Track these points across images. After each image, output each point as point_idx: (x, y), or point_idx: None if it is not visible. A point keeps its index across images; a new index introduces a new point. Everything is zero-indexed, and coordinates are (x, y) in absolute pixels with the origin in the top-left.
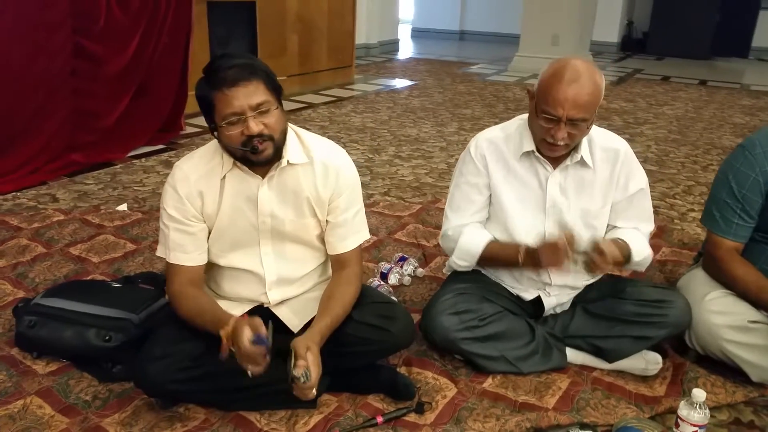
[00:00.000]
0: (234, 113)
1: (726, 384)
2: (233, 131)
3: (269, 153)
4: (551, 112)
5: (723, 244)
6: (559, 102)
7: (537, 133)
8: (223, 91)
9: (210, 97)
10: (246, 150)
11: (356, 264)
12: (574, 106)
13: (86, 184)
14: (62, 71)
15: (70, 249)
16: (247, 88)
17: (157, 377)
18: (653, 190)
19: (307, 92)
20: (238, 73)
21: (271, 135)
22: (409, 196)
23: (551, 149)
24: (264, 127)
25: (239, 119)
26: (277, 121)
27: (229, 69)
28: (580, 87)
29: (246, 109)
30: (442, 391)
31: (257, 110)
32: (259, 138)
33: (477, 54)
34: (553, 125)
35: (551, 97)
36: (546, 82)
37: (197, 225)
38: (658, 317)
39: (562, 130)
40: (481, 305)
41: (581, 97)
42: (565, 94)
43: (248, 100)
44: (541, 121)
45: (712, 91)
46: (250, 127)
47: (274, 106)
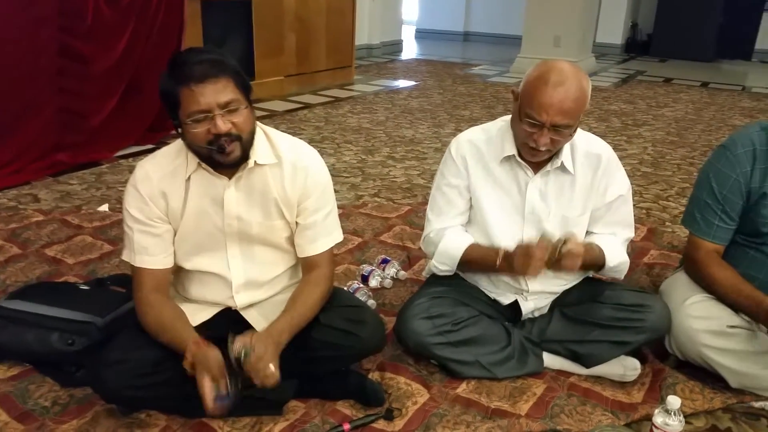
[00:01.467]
0: (201, 110)
1: (704, 390)
2: (199, 129)
3: (236, 155)
4: (535, 117)
5: (703, 245)
6: (543, 107)
7: (519, 136)
8: (191, 87)
9: (175, 93)
10: (212, 149)
11: (326, 266)
12: (559, 112)
13: (70, 184)
14: (48, 70)
15: (46, 250)
16: (215, 85)
17: (114, 383)
18: (647, 192)
19: (306, 92)
20: (206, 69)
21: (239, 135)
22: (399, 198)
23: (533, 154)
24: (232, 126)
25: (206, 117)
26: (246, 121)
27: (198, 64)
28: (565, 92)
29: (214, 106)
30: (414, 396)
31: (225, 108)
32: (226, 137)
33: (480, 55)
34: (536, 130)
35: (536, 101)
36: (531, 85)
37: (162, 226)
38: (635, 322)
39: (545, 136)
40: (456, 309)
41: (566, 103)
42: (550, 99)
43: (216, 97)
44: (524, 125)
45: (714, 93)
46: (217, 126)
47: (243, 105)
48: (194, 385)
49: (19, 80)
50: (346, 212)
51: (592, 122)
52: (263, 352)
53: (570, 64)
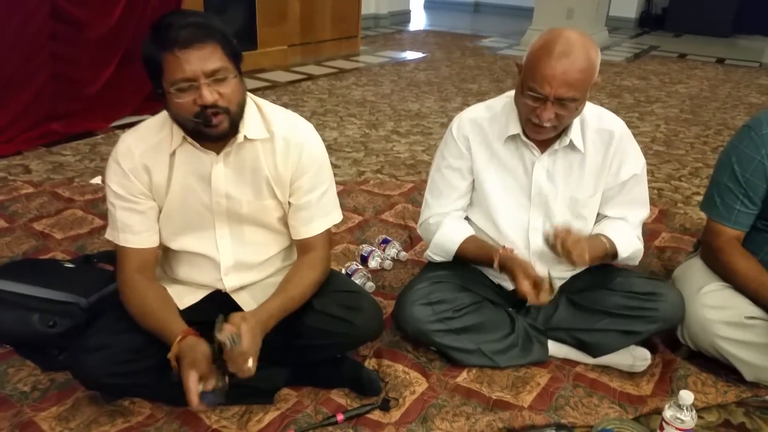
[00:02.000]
0: (185, 79)
1: (717, 383)
2: (184, 99)
3: (224, 127)
4: (537, 89)
5: (723, 232)
6: (546, 79)
7: (522, 112)
8: (174, 52)
9: (158, 59)
10: (198, 121)
11: (322, 249)
12: (563, 84)
13: (63, 155)
14: (40, 34)
15: (34, 224)
16: (201, 51)
17: (94, 370)
18: (659, 171)
19: (309, 63)
20: (192, 33)
21: (226, 107)
22: (403, 174)
23: (537, 131)
24: (219, 97)
25: (191, 86)
26: (235, 92)
27: (182, 28)
28: (570, 63)
29: (200, 74)
30: (412, 385)
31: (212, 77)
32: (213, 109)
33: (490, 27)
34: (540, 104)
35: (538, 72)
36: (534, 55)
37: (146, 203)
38: (647, 311)
39: (548, 110)
40: (458, 295)
41: (571, 74)
42: (553, 71)
43: (203, 64)
44: (526, 99)
45: (730, 69)
46: (203, 96)
47: (232, 73)
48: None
49: (9, 43)
50: (347, 189)
51: (603, 98)
52: (248, 347)
53: (577, 32)
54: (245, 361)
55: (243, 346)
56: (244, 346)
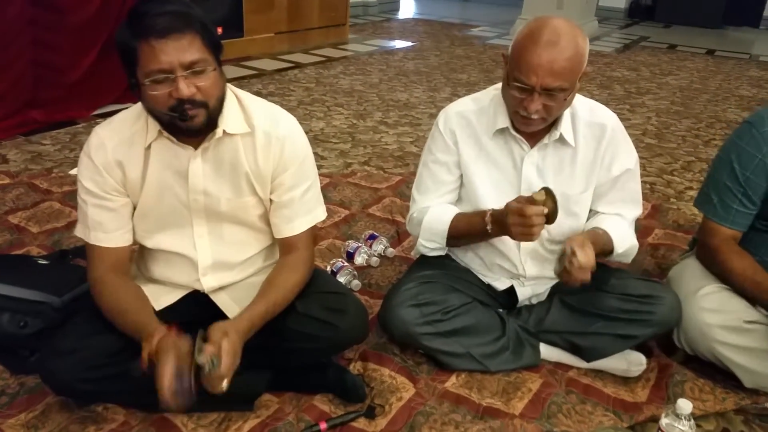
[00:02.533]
0: (161, 70)
1: (716, 389)
2: (159, 92)
3: (200, 121)
4: (523, 80)
5: (720, 232)
6: (532, 68)
7: (509, 104)
8: (150, 42)
9: (134, 47)
10: (173, 115)
11: (305, 248)
12: (550, 73)
13: (42, 144)
14: (19, 19)
15: (9, 217)
16: (179, 41)
17: (65, 375)
18: (650, 165)
19: (297, 51)
20: (170, 22)
21: (204, 101)
22: (390, 167)
23: (525, 123)
24: (197, 91)
25: (167, 78)
26: (213, 85)
27: (159, 16)
28: (558, 51)
29: (176, 66)
30: (399, 391)
31: (190, 69)
32: (189, 104)
33: (480, 16)
34: (526, 96)
35: (524, 62)
36: (519, 44)
37: (118, 200)
38: (643, 314)
39: (535, 102)
40: (447, 296)
41: (558, 63)
42: (539, 59)
43: (180, 56)
44: (513, 91)
45: (720, 61)
46: (179, 89)
47: (211, 66)
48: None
49: None
50: (334, 181)
51: (593, 89)
52: (227, 369)
53: (564, 20)
54: (221, 382)
55: (222, 369)
56: (223, 369)
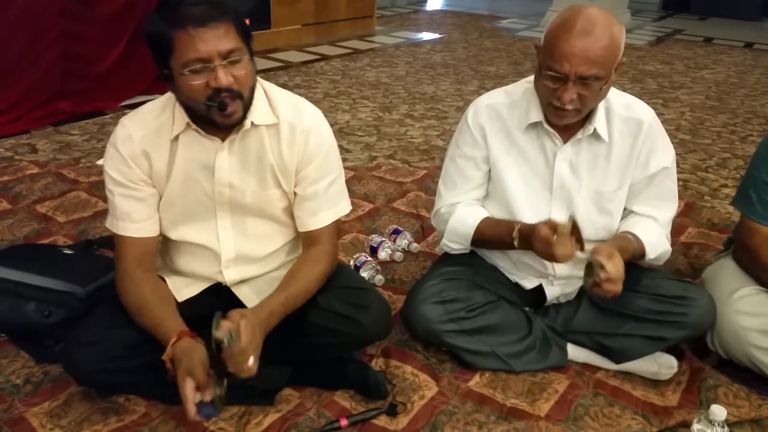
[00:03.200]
0: (200, 59)
1: (751, 395)
2: (197, 82)
3: (239, 116)
4: (556, 68)
5: (759, 231)
6: (565, 56)
7: (543, 95)
8: (188, 30)
9: (169, 36)
10: (211, 105)
11: (329, 242)
12: (584, 61)
13: (71, 134)
14: (49, 11)
15: (37, 206)
16: (217, 30)
17: (86, 366)
18: (684, 161)
19: (323, 43)
20: (207, 11)
21: (240, 91)
22: (416, 160)
23: (559, 115)
24: (234, 81)
25: (205, 67)
26: (248, 75)
27: (195, 5)
28: (592, 39)
29: (215, 55)
30: (421, 389)
31: (227, 58)
32: (227, 93)
33: (509, 7)
34: (560, 85)
35: (557, 50)
36: (553, 33)
37: (146, 189)
38: (676, 316)
39: (569, 91)
40: (472, 293)
41: (593, 51)
42: (572, 47)
43: (218, 45)
44: (546, 81)
45: (759, 54)
46: (218, 78)
47: (246, 55)
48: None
49: (17, 20)
50: (358, 175)
51: (626, 83)
52: (247, 343)
53: (598, 8)
54: (246, 359)
55: (242, 342)
56: (243, 343)
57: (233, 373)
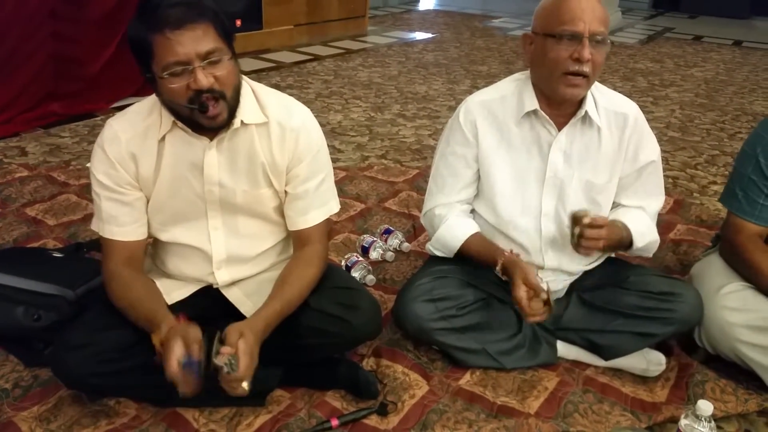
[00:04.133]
0: (178, 62)
1: (738, 390)
2: (177, 84)
3: (224, 118)
4: (570, 28)
5: (745, 228)
6: (577, 15)
7: (557, 67)
8: (165, 34)
9: (148, 41)
10: (193, 107)
11: (319, 241)
12: (595, 18)
13: (61, 137)
14: (39, 12)
15: (27, 209)
16: (194, 31)
17: (76, 369)
18: (673, 158)
19: (316, 43)
20: (183, 13)
21: (222, 92)
22: (408, 160)
23: (574, 83)
24: (215, 81)
25: (184, 70)
26: (230, 74)
27: (172, 7)
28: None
29: (193, 57)
30: (412, 388)
31: (207, 59)
32: (208, 94)
33: (502, 7)
34: (575, 45)
35: (566, 12)
36: (553, 5)
37: (132, 193)
38: (664, 312)
39: (586, 49)
40: (462, 291)
41: (598, 9)
42: (581, 5)
43: (196, 46)
44: (559, 48)
45: (747, 52)
46: (198, 80)
47: (226, 55)
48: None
49: (7, 21)
50: (350, 175)
51: (617, 81)
52: (245, 372)
53: None
54: (239, 385)
55: (241, 371)
56: (242, 371)
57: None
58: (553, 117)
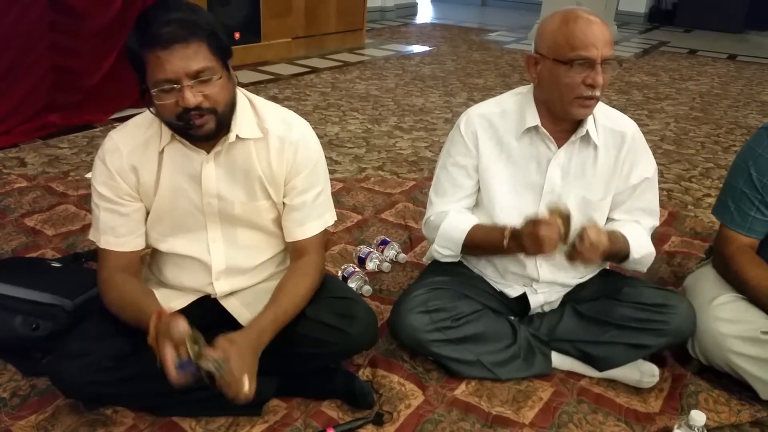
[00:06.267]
0: (167, 80)
1: (731, 401)
2: (166, 101)
3: (210, 128)
4: (584, 55)
5: (736, 239)
6: (590, 41)
7: (568, 91)
8: (156, 52)
9: (141, 57)
10: (179, 124)
11: (316, 252)
12: (606, 43)
13: (60, 148)
14: (39, 25)
15: (25, 220)
16: (185, 50)
17: (73, 377)
18: (668, 171)
19: (314, 56)
20: (174, 32)
21: (212, 108)
22: (404, 172)
23: (586, 105)
24: (203, 99)
25: (173, 88)
26: (221, 92)
27: (165, 24)
28: (601, 23)
29: (182, 76)
30: (407, 398)
31: (196, 78)
32: (196, 112)
33: (498, 20)
34: (588, 71)
35: (578, 39)
36: (562, 30)
37: (131, 204)
38: (657, 324)
39: (599, 74)
40: (457, 303)
41: (607, 33)
42: (593, 32)
43: (185, 65)
44: (573, 73)
45: (742, 66)
46: (186, 99)
47: (217, 74)
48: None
49: (7, 33)
50: (347, 186)
51: (612, 95)
52: (238, 369)
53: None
54: (239, 387)
55: (233, 368)
56: (234, 369)
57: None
58: (553, 133)
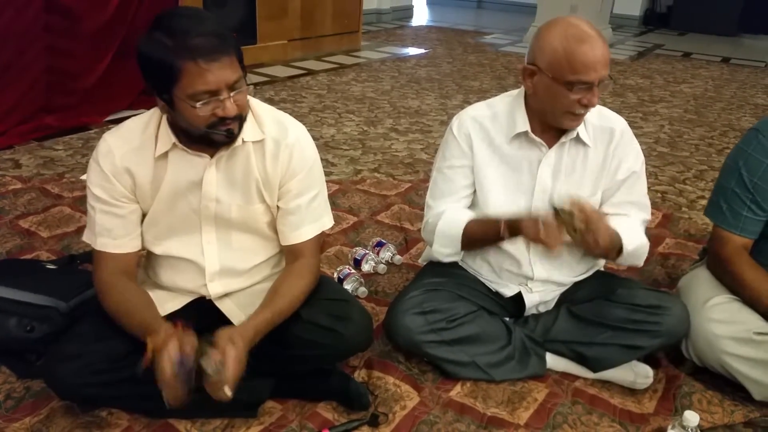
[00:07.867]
0: (209, 91)
1: (724, 402)
2: (203, 111)
3: (235, 133)
4: (584, 79)
5: (730, 240)
6: (590, 66)
7: (562, 107)
8: (198, 63)
9: (177, 66)
10: (212, 132)
11: (311, 256)
12: (604, 65)
13: (55, 149)
14: (33, 26)
15: (20, 221)
16: (223, 62)
17: (68, 380)
18: (662, 173)
19: (309, 58)
20: (217, 45)
21: (241, 115)
22: (400, 174)
23: (578, 120)
24: (237, 108)
25: (212, 99)
26: (245, 98)
27: (202, 36)
28: (602, 42)
29: (223, 87)
30: (403, 400)
31: (233, 89)
32: (231, 120)
33: (493, 23)
34: (585, 93)
35: (579, 63)
36: (564, 51)
37: (127, 206)
38: (651, 325)
39: (596, 95)
40: (453, 304)
41: (606, 54)
42: (594, 56)
43: (227, 77)
44: (573, 94)
45: (735, 69)
46: (227, 109)
47: (245, 82)
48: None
49: (2, 35)
50: (343, 188)
51: (606, 97)
52: (231, 377)
53: (576, 16)
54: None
55: (227, 376)
56: (228, 377)
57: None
58: (543, 137)
